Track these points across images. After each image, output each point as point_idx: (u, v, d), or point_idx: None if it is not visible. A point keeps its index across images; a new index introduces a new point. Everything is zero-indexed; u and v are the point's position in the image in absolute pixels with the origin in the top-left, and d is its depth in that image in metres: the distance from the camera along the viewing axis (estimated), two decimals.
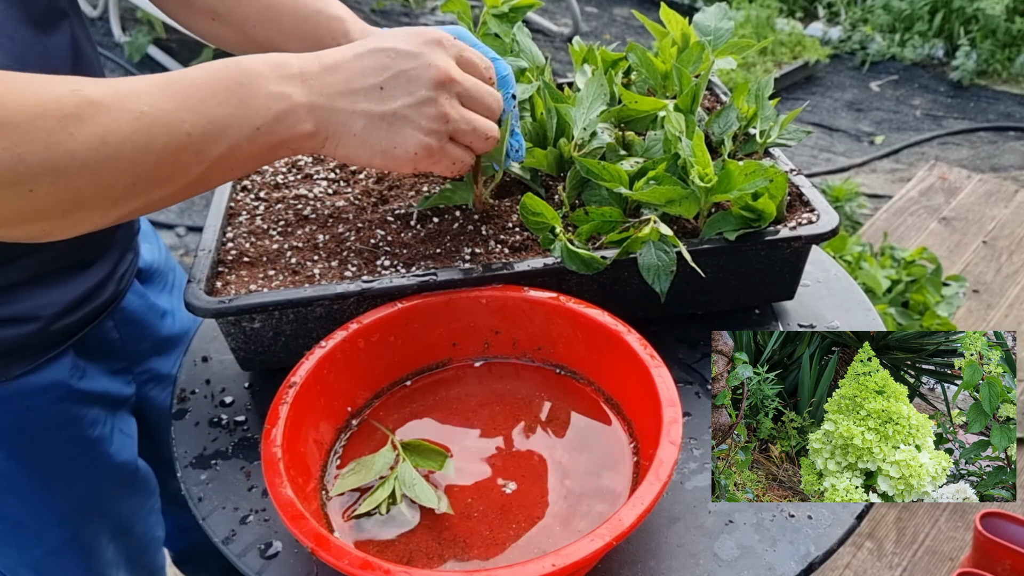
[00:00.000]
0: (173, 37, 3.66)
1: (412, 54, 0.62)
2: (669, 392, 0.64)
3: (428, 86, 0.61)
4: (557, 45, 3.81)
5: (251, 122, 0.59)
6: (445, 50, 0.63)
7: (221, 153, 0.59)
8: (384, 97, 0.61)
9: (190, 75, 0.58)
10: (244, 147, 0.60)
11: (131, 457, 0.90)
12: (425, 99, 0.62)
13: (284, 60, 0.61)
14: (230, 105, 0.58)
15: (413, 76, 0.61)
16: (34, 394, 0.78)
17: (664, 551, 0.63)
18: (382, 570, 0.53)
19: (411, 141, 0.63)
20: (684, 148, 0.75)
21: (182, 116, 0.57)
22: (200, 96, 0.57)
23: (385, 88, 0.61)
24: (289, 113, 0.60)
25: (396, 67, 0.61)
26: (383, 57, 0.61)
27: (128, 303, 0.88)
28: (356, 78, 0.61)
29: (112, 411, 0.88)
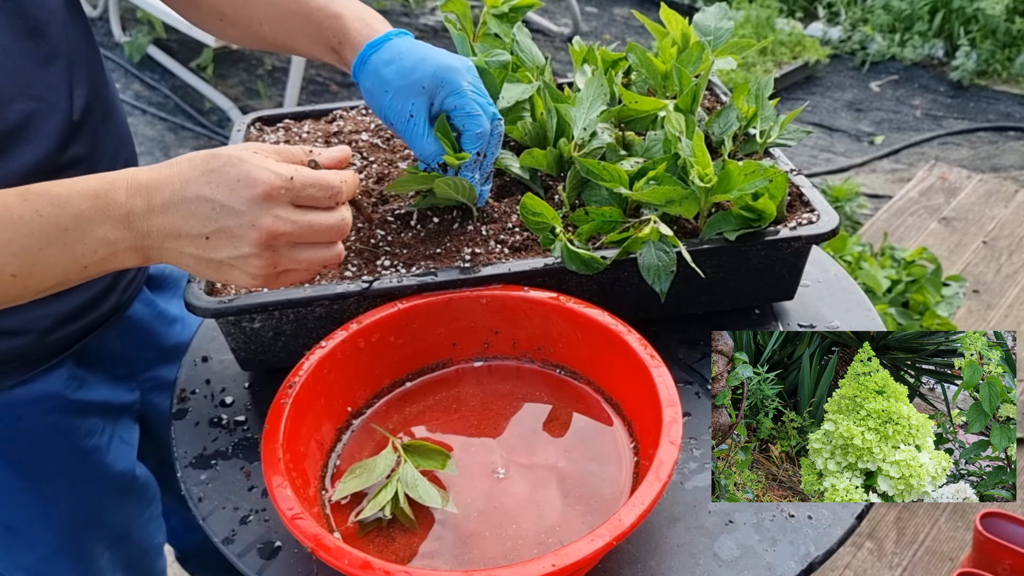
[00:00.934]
0: (173, 37, 3.66)
1: (235, 211, 0.60)
2: (669, 392, 0.64)
3: (251, 245, 0.61)
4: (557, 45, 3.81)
5: (78, 262, 0.61)
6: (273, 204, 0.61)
7: (50, 286, 0.62)
8: (209, 247, 0.61)
9: (16, 214, 0.59)
10: (73, 279, 0.62)
11: (129, 466, 0.90)
12: (249, 255, 0.61)
13: (111, 199, 0.60)
14: (54, 249, 0.60)
15: (236, 234, 0.60)
16: (27, 404, 0.78)
17: (664, 551, 0.63)
18: (382, 570, 0.53)
19: (241, 280, 0.63)
20: (684, 148, 0.75)
21: (5, 260, 0.59)
22: (23, 241, 0.59)
23: (211, 239, 0.61)
24: (116, 256, 0.62)
25: (220, 222, 0.60)
26: (208, 208, 0.60)
27: (134, 312, 0.88)
28: (182, 224, 0.60)
29: (113, 419, 0.87)
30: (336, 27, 0.79)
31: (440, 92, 0.75)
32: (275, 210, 0.60)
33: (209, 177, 0.60)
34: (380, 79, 0.76)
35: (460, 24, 0.89)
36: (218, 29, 0.85)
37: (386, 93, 0.76)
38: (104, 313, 0.82)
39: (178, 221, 0.60)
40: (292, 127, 0.99)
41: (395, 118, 0.76)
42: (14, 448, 0.79)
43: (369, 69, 0.77)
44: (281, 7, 0.80)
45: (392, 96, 0.76)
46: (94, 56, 0.77)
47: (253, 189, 0.60)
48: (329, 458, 0.69)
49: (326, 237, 0.64)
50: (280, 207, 0.61)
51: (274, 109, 1.03)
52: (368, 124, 0.99)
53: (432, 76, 0.75)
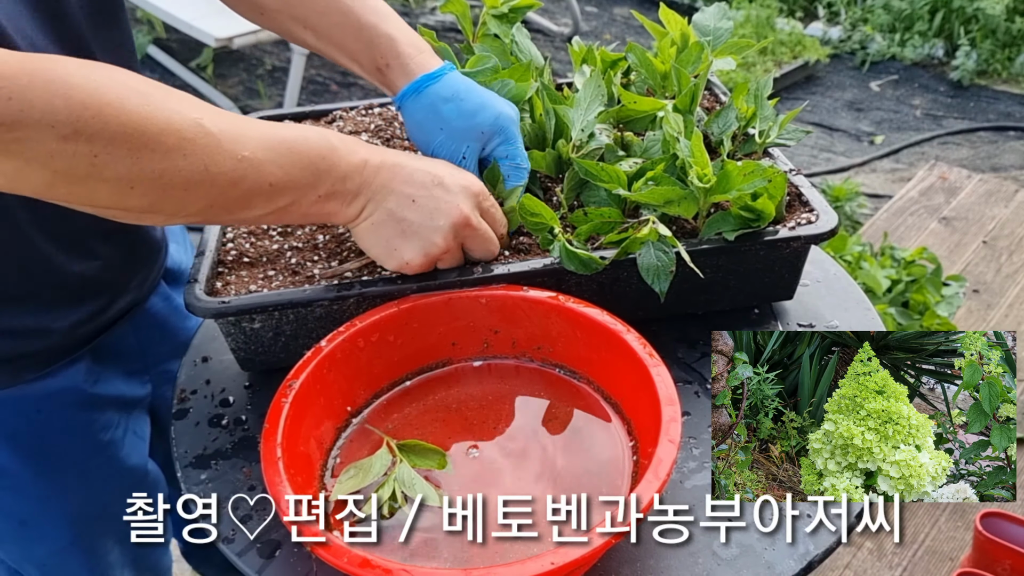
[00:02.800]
0: (173, 37, 3.66)
1: (449, 190, 0.71)
2: (668, 391, 0.64)
3: (446, 220, 0.70)
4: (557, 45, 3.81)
5: (317, 189, 0.68)
6: (475, 202, 0.73)
7: (283, 205, 0.67)
8: (411, 208, 0.70)
9: (289, 136, 0.66)
10: (301, 205, 0.68)
11: (142, 460, 0.90)
12: (438, 228, 0.70)
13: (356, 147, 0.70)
14: (308, 172, 0.67)
15: (440, 207, 0.70)
16: (46, 398, 0.78)
17: (663, 550, 0.63)
18: (382, 569, 0.53)
19: (409, 251, 0.71)
20: (683, 148, 0.75)
21: (272, 169, 0.65)
22: (291, 158, 0.66)
23: (416, 202, 0.70)
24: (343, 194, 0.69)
25: (432, 192, 0.70)
26: (426, 178, 0.71)
27: (152, 305, 0.88)
28: (399, 182, 0.70)
29: (127, 412, 0.88)
30: (388, 48, 0.80)
31: (495, 139, 0.79)
32: (473, 208, 0.72)
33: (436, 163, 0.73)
34: (437, 115, 0.79)
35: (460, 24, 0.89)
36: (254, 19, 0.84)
37: (441, 131, 0.79)
38: (123, 308, 0.83)
39: (400, 177, 0.70)
40: None
41: (445, 155, 0.79)
42: (31, 441, 0.79)
43: (425, 102, 0.79)
44: (329, 16, 0.80)
45: (447, 136, 0.79)
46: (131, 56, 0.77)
47: (469, 183, 0.73)
48: (329, 457, 0.69)
49: (489, 248, 0.74)
50: (476, 208, 0.73)
51: (274, 109, 1.03)
52: (368, 124, 0.99)
53: (492, 124, 0.79)
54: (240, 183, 0.64)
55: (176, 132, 0.60)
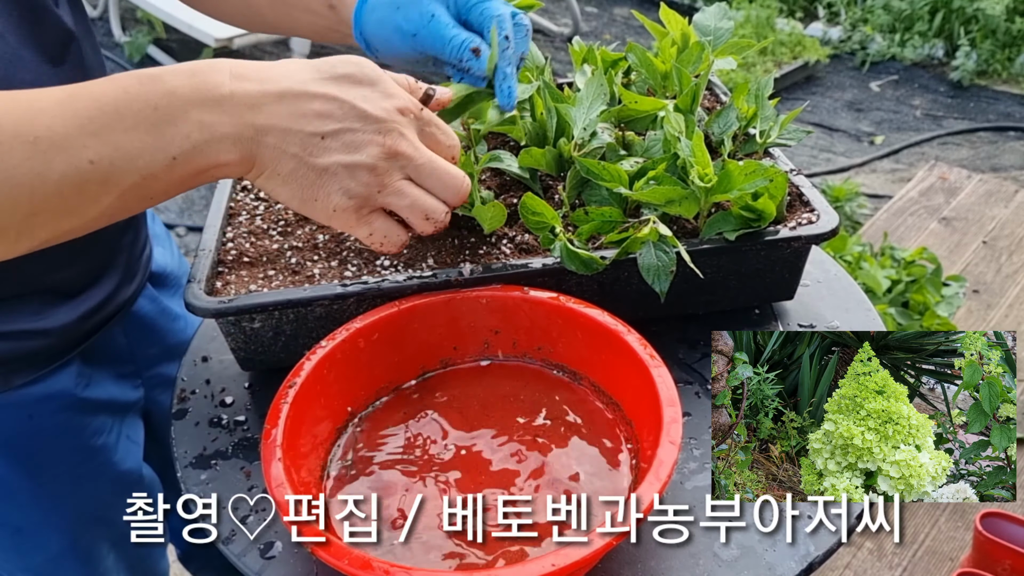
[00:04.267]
0: (173, 37, 3.65)
1: (367, 116, 0.56)
2: (669, 392, 0.64)
3: (371, 153, 0.56)
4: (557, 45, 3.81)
5: (166, 151, 0.53)
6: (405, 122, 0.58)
7: (133, 183, 0.53)
8: (321, 148, 0.56)
9: (97, 91, 0.52)
10: (160, 176, 0.54)
11: (135, 465, 0.90)
12: (361, 164, 0.56)
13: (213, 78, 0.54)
14: (141, 131, 0.52)
15: (358, 140, 0.56)
16: (37, 403, 0.78)
17: (664, 551, 0.63)
18: (382, 570, 0.53)
19: (332, 199, 0.58)
20: (684, 148, 0.75)
21: (84, 142, 0.51)
22: (105, 119, 0.51)
23: (326, 139, 0.56)
24: (211, 143, 0.54)
25: (344, 123, 0.55)
26: (334, 107, 0.55)
27: (139, 308, 0.88)
28: (297, 119, 0.55)
29: (120, 417, 0.87)
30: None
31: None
32: (404, 128, 0.57)
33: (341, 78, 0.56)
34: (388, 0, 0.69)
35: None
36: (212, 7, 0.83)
37: (398, 9, 0.69)
38: (113, 309, 0.82)
39: (294, 113, 0.54)
40: None
41: (416, 27, 0.69)
42: (24, 448, 0.79)
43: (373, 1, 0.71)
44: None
45: (406, 7, 0.69)
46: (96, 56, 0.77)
47: (390, 100, 0.56)
48: (329, 457, 0.69)
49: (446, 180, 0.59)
50: (408, 128, 0.57)
51: None
52: None
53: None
54: (47, 172, 0.50)
55: None
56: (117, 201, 0.53)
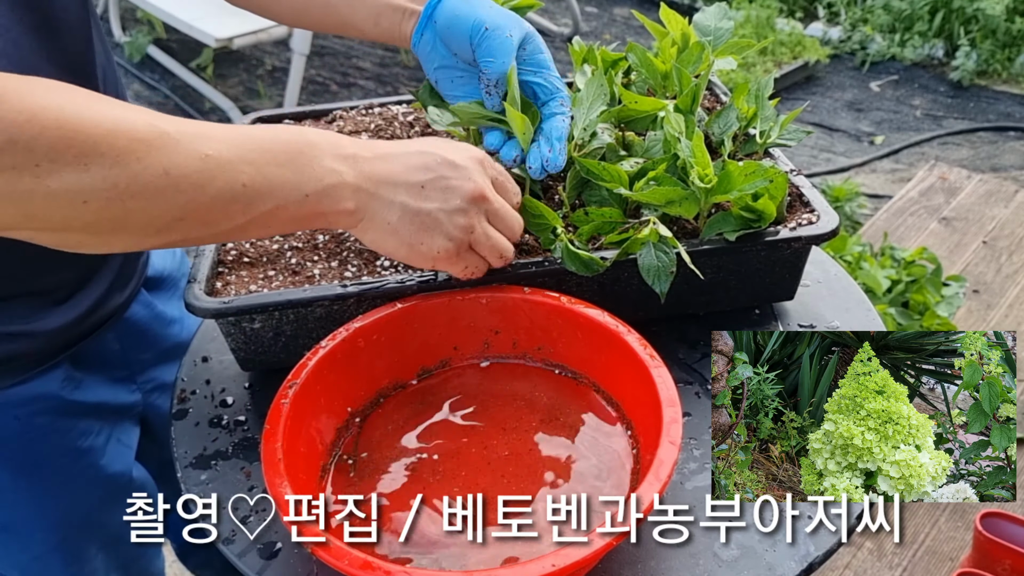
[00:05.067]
0: (173, 37, 3.65)
1: (456, 165, 0.66)
2: (669, 392, 0.64)
3: (463, 198, 0.66)
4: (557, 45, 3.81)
5: (302, 188, 0.62)
6: (484, 170, 0.69)
7: (267, 210, 0.62)
8: (423, 196, 0.66)
9: (257, 133, 0.62)
10: (289, 209, 0.63)
11: (125, 468, 0.89)
12: (457, 209, 0.66)
13: (340, 140, 0.65)
14: (288, 168, 0.61)
15: (453, 185, 0.66)
16: (23, 404, 0.78)
17: (664, 551, 0.63)
18: (382, 570, 0.53)
19: (436, 242, 0.67)
20: (684, 148, 0.75)
21: (242, 168, 0.59)
22: (262, 154, 0.61)
23: (426, 188, 0.66)
24: (337, 188, 0.64)
25: (439, 172, 0.66)
26: (430, 160, 0.66)
27: (132, 313, 0.87)
28: (402, 172, 0.65)
29: (112, 421, 0.87)
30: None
31: (530, 43, 0.77)
32: (484, 175, 0.68)
33: (430, 140, 0.69)
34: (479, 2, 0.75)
35: None
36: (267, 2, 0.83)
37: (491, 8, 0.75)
38: (105, 315, 0.82)
39: (399, 169, 0.65)
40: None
41: (494, 26, 0.74)
42: (10, 448, 0.79)
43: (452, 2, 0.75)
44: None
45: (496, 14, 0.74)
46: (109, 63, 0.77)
47: (472, 152, 0.68)
48: (330, 457, 0.69)
49: (512, 224, 0.70)
50: (485, 176, 0.68)
51: (274, 109, 1.03)
52: (368, 124, 0.99)
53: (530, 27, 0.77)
54: (208, 186, 0.58)
55: (126, 133, 0.54)
56: (247, 223, 0.62)
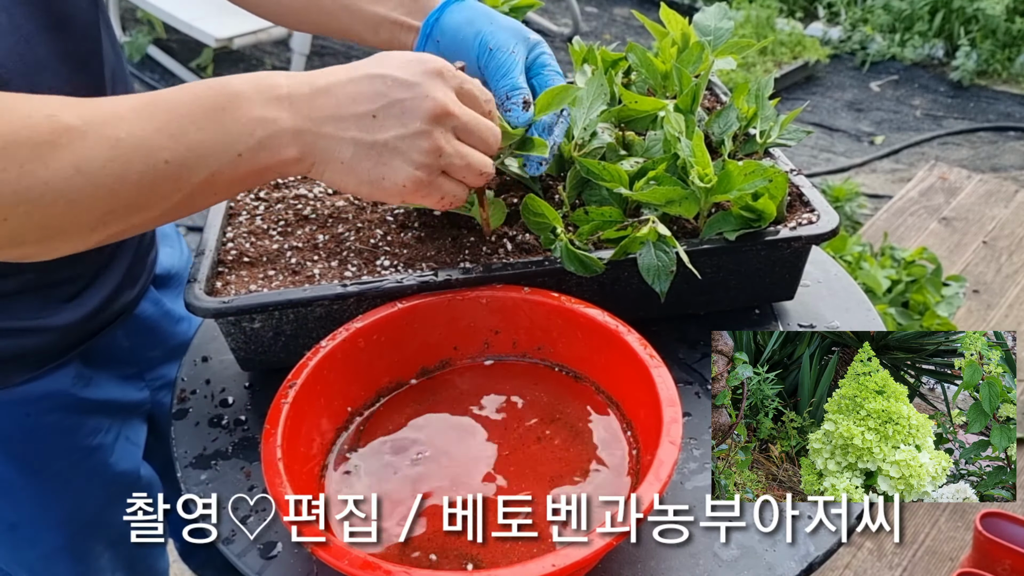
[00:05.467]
0: (173, 37, 3.66)
1: (409, 83, 0.59)
2: (669, 392, 0.64)
3: (423, 119, 0.59)
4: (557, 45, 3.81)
5: (232, 148, 0.57)
6: (445, 81, 0.61)
7: (201, 180, 0.57)
8: (376, 126, 0.59)
9: (171, 98, 0.57)
10: (226, 173, 0.58)
11: (133, 466, 0.90)
12: (419, 132, 0.59)
13: (271, 80, 0.59)
14: (210, 131, 0.56)
15: (408, 107, 0.59)
16: (33, 401, 0.78)
17: (664, 551, 0.63)
18: (382, 570, 0.53)
19: (400, 173, 0.60)
20: (684, 148, 0.75)
21: (160, 143, 0.55)
22: (180, 122, 0.56)
23: (378, 117, 0.58)
24: (273, 138, 0.58)
25: (391, 96, 0.58)
26: (379, 84, 0.59)
27: (142, 311, 0.88)
28: (348, 104, 0.58)
29: (121, 418, 0.87)
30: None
31: (536, 49, 0.76)
32: (445, 88, 0.60)
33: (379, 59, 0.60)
34: (486, 13, 0.74)
35: None
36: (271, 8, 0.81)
37: (491, 23, 0.73)
38: (115, 311, 0.82)
39: (344, 99, 0.58)
40: None
41: (496, 46, 0.72)
42: (20, 445, 0.79)
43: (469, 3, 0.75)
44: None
45: (497, 28, 0.73)
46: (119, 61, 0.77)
47: (426, 64, 0.60)
48: (329, 457, 0.69)
49: (485, 136, 0.63)
50: (449, 88, 0.60)
51: None
52: None
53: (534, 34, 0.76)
54: (127, 173, 0.54)
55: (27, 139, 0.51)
56: (186, 198, 0.58)
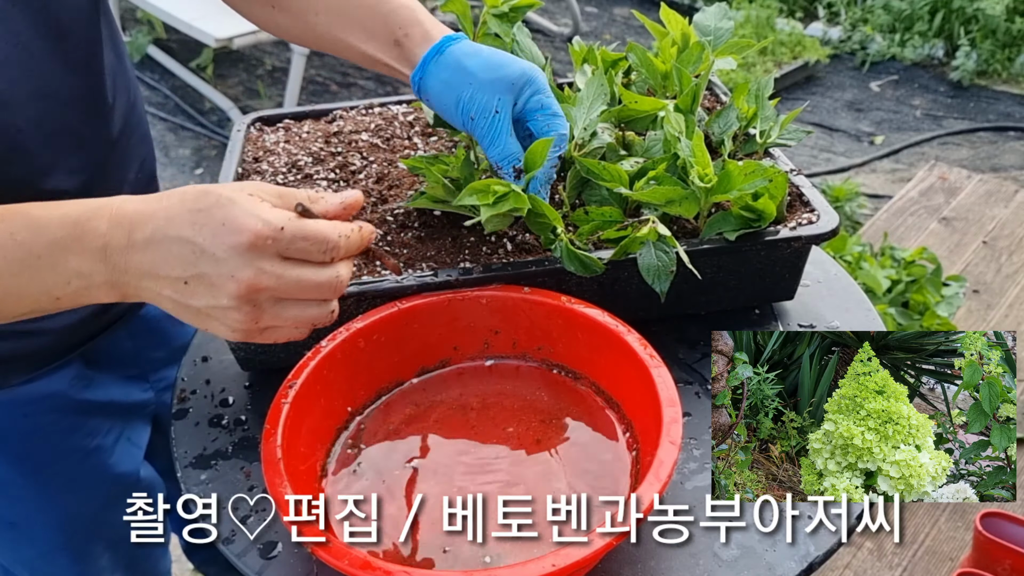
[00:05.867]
0: (173, 37, 3.65)
1: (216, 258, 0.55)
2: (669, 392, 0.64)
3: (229, 296, 0.56)
4: (557, 45, 3.81)
5: (50, 293, 0.57)
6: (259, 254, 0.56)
7: (22, 312, 0.59)
8: (188, 292, 0.56)
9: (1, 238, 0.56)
10: (47, 308, 0.59)
11: (133, 467, 0.90)
12: (228, 307, 0.56)
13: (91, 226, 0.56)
14: (25, 277, 0.56)
15: (214, 283, 0.56)
16: (33, 402, 0.78)
17: (664, 551, 0.63)
18: (382, 570, 0.53)
19: (223, 331, 0.59)
20: (684, 148, 0.75)
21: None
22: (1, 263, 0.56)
23: (189, 284, 0.56)
24: (89, 289, 0.58)
25: (199, 267, 0.55)
26: (188, 251, 0.55)
27: (147, 311, 0.88)
28: (160, 265, 0.56)
29: (123, 420, 0.87)
30: (408, 17, 0.76)
31: (526, 90, 0.74)
32: (259, 262, 0.56)
33: (195, 217, 0.55)
34: (463, 70, 0.73)
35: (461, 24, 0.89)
36: (269, 19, 0.81)
37: (469, 85, 0.73)
38: (118, 312, 0.82)
39: (157, 261, 0.56)
40: (292, 127, 0.99)
41: (478, 112, 0.73)
42: (18, 445, 0.79)
43: (449, 60, 0.74)
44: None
45: (476, 89, 0.73)
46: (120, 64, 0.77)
47: (237, 236, 0.55)
48: (329, 457, 0.69)
49: (315, 295, 0.59)
50: (265, 259, 0.56)
51: (274, 109, 1.03)
52: (368, 124, 0.99)
53: (520, 75, 0.73)
54: None
55: None
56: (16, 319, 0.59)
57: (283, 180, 0.90)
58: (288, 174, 0.91)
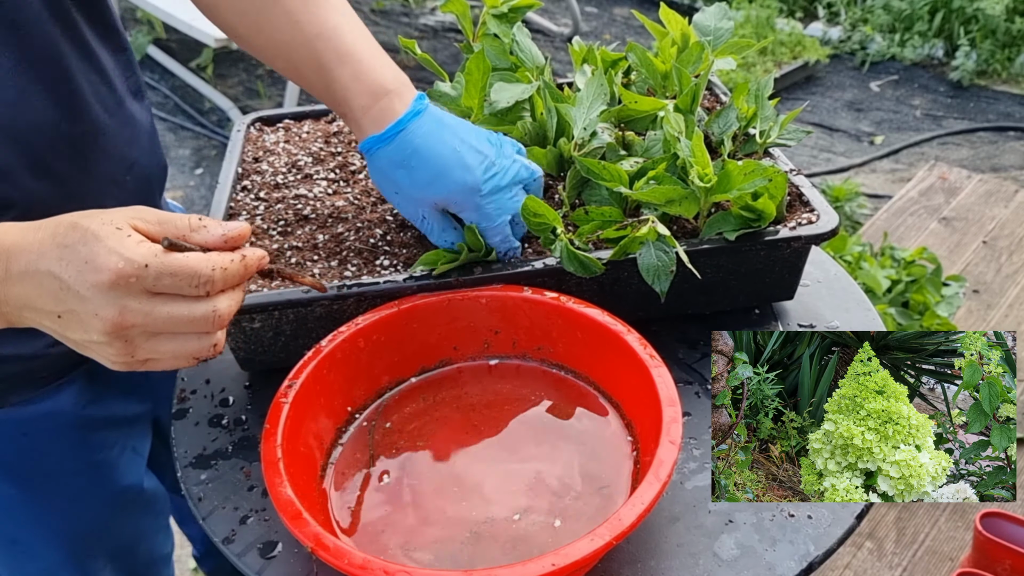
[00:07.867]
0: (173, 37, 3.66)
1: (80, 296, 0.54)
2: (669, 392, 0.64)
3: (98, 333, 0.55)
4: (557, 45, 3.81)
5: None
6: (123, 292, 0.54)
7: None
8: (63, 325, 0.56)
9: None
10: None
11: (137, 479, 0.90)
12: (100, 342, 0.56)
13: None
14: None
15: (83, 319, 0.55)
16: (33, 421, 0.78)
17: (664, 551, 0.63)
18: (381, 570, 0.53)
19: (103, 362, 0.58)
20: (683, 148, 0.75)
21: None
22: None
23: (63, 318, 0.55)
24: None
25: (67, 303, 0.55)
26: (55, 287, 0.54)
27: None
28: (36, 298, 0.55)
29: (126, 430, 0.87)
30: (342, 99, 0.74)
31: (453, 208, 0.75)
32: (123, 300, 0.54)
33: (61, 252, 0.54)
34: (390, 179, 0.74)
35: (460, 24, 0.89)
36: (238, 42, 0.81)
37: (396, 194, 0.75)
38: None
39: (31, 294, 0.55)
40: (292, 127, 0.99)
41: (406, 215, 0.76)
42: (19, 463, 0.79)
43: (377, 165, 0.74)
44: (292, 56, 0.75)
45: (402, 198, 0.75)
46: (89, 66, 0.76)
47: (98, 275, 0.53)
48: (329, 457, 0.69)
49: (191, 328, 0.56)
50: (131, 297, 0.54)
51: (274, 109, 1.03)
52: None
53: (446, 199, 0.74)
54: None
55: None
56: None
57: (283, 179, 0.90)
58: (288, 174, 0.91)
